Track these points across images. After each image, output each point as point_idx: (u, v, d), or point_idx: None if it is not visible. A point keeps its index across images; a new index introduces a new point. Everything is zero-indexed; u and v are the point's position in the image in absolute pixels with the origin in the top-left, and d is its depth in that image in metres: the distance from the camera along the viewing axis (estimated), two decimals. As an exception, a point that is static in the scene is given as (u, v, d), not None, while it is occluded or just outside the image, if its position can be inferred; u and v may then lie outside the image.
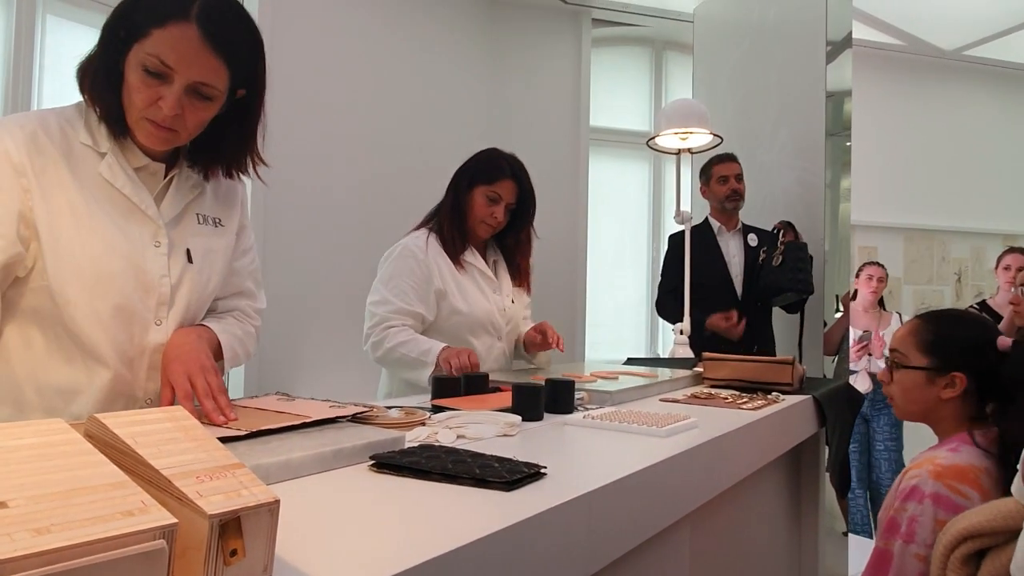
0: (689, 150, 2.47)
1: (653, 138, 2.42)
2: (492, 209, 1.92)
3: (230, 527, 0.50)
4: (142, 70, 1.00)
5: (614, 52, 4.42)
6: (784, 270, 2.65)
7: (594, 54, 4.15)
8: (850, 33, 3.05)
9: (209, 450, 0.57)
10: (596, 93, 4.15)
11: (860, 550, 1.51)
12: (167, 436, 0.58)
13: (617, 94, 4.38)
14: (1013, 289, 2.38)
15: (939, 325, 1.48)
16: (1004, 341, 1.43)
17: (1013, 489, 1.02)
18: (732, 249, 2.86)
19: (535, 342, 1.99)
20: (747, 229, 2.91)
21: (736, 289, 2.82)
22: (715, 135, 2.35)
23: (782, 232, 2.81)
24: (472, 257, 1.97)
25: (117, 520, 0.45)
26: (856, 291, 3.96)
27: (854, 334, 3.72)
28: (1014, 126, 5.25)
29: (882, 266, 4.00)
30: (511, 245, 2.03)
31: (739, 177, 2.87)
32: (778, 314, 2.93)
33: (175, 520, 0.47)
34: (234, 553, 0.50)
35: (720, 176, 2.85)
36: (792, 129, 3.14)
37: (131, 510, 0.46)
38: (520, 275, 2.06)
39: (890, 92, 4.89)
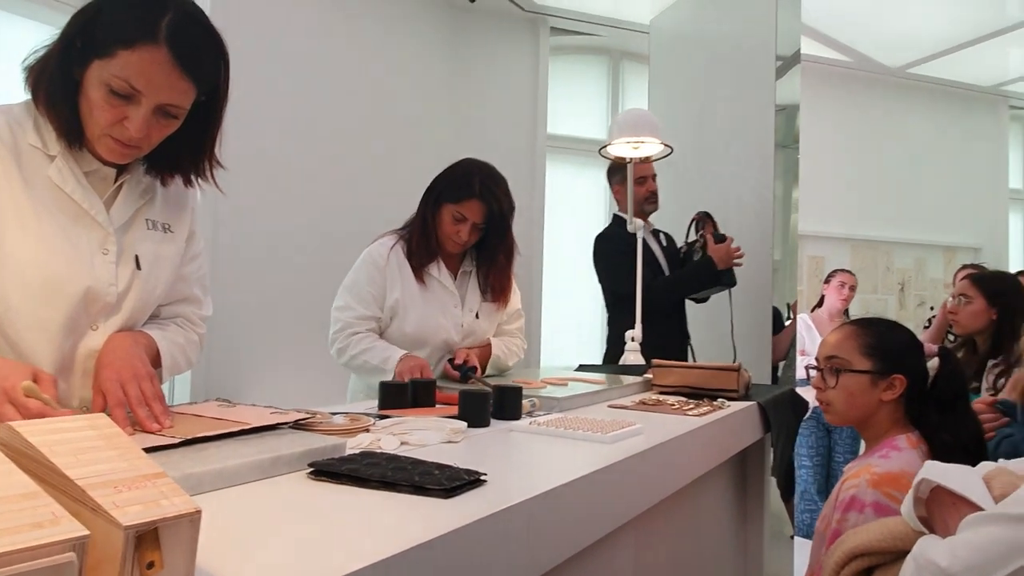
0: (640, 159, 2.50)
1: (605, 146, 2.45)
2: (458, 228, 1.88)
3: (147, 539, 0.49)
4: (107, 90, 0.97)
5: (572, 61, 4.46)
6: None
7: (552, 62, 4.19)
8: (799, 49, 3.13)
9: (130, 459, 0.56)
10: (554, 101, 4.18)
11: (805, 553, 1.55)
12: (87, 444, 0.56)
13: (574, 102, 4.42)
14: (950, 300, 2.47)
15: (877, 329, 1.52)
16: (930, 348, 1.48)
17: (903, 510, 1.05)
18: (656, 249, 2.79)
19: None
20: (657, 231, 2.87)
21: None
22: (666, 145, 2.38)
23: (699, 224, 2.77)
24: (436, 270, 1.94)
25: (24, 532, 0.43)
26: (823, 297, 4.02)
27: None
28: (955, 142, 5.46)
29: (853, 275, 4.03)
30: (485, 262, 1.98)
31: (654, 178, 2.75)
32: (710, 308, 2.94)
33: (87, 532, 0.45)
34: (151, 565, 0.49)
35: (638, 176, 2.67)
36: (744, 141, 3.21)
37: (40, 522, 0.45)
38: (494, 293, 2.00)
39: (838, 107, 5.04)
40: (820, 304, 4.02)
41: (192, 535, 0.52)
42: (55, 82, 1.00)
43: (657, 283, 2.53)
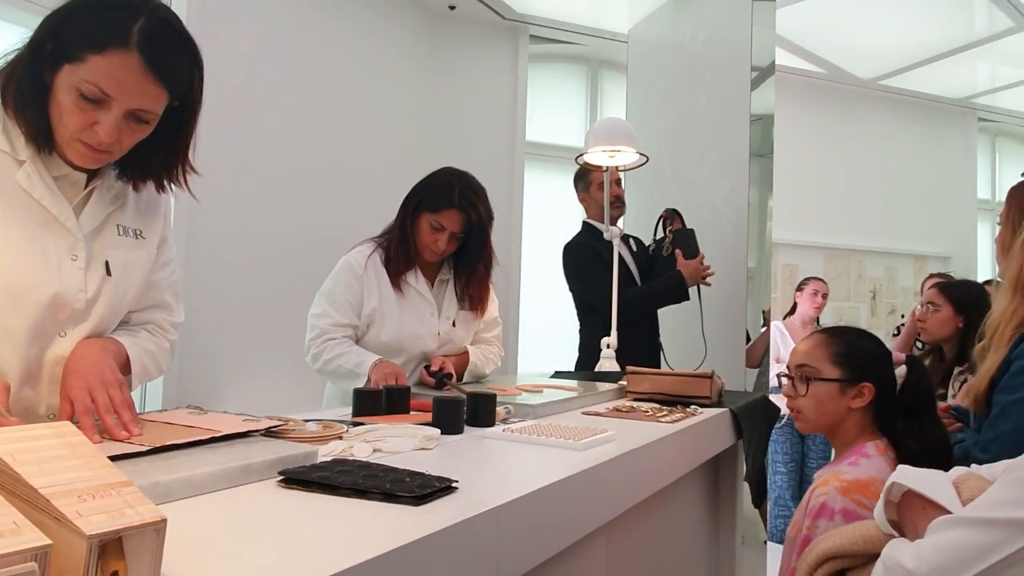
0: (616, 167, 2.52)
1: (582, 154, 2.47)
2: (436, 237, 1.88)
3: (111, 548, 0.49)
4: (77, 95, 0.96)
5: (551, 68, 4.49)
6: (676, 259, 2.64)
7: (531, 70, 4.21)
8: (774, 60, 3.19)
9: (95, 468, 0.56)
10: (533, 108, 4.20)
11: (779, 557, 1.57)
12: (51, 453, 0.56)
13: (553, 110, 4.45)
14: (919, 307, 2.52)
15: (846, 337, 1.54)
16: (898, 356, 1.51)
17: (875, 513, 1.08)
18: (626, 256, 2.76)
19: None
20: (626, 236, 2.86)
21: None
22: (641, 154, 2.41)
23: (666, 221, 2.77)
24: (414, 278, 1.95)
25: (-15, 542, 0.43)
26: (795, 305, 4.06)
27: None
28: (925, 153, 5.57)
29: (826, 283, 4.08)
30: (464, 272, 1.99)
31: (619, 182, 2.71)
32: (683, 312, 2.95)
33: (48, 541, 0.45)
34: (115, 575, 0.49)
35: (601, 182, 2.64)
36: (720, 150, 3.25)
37: (1, 531, 0.45)
38: (471, 302, 2.01)
39: (812, 117, 5.13)
40: (792, 311, 4.07)
41: (157, 544, 0.52)
42: (24, 86, 0.99)
43: (627, 294, 2.54)
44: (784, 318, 4.12)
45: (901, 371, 1.51)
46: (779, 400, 2.85)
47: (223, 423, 1.07)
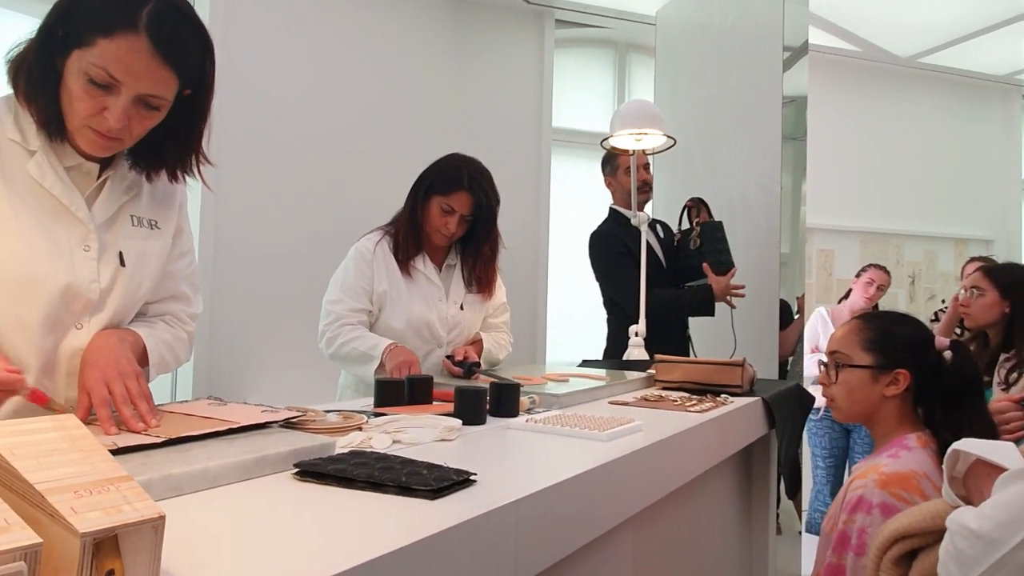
0: (643, 151, 2.47)
1: (607, 138, 2.42)
2: (446, 220, 1.92)
3: (106, 546, 0.47)
4: (86, 79, 0.96)
5: (577, 53, 4.42)
6: (704, 252, 2.57)
7: (557, 55, 4.15)
8: (807, 39, 3.09)
9: (94, 462, 0.54)
10: (559, 94, 4.14)
11: (814, 549, 1.53)
12: (51, 447, 0.54)
13: (580, 95, 4.38)
14: (961, 292, 2.42)
15: (880, 323, 1.49)
16: (941, 341, 1.45)
17: (943, 491, 1.03)
18: (654, 243, 2.69)
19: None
20: (654, 221, 2.78)
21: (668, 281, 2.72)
22: (669, 137, 2.35)
23: (692, 211, 2.69)
24: (422, 263, 1.99)
25: (-29, 541, 0.42)
26: (849, 291, 3.94)
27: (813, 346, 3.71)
28: (965, 132, 5.38)
29: (887, 272, 3.84)
30: (471, 255, 2.03)
31: (647, 167, 2.65)
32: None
33: (39, 540, 0.44)
34: (111, 573, 0.47)
35: (628, 167, 2.57)
36: (750, 133, 3.17)
37: (-10, 529, 0.43)
38: (479, 284, 2.04)
39: (847, 97, 4.97)
40: (846, 297, 3.94)
41: (155, 542, 0.50)
42: (35, 73, 0.99)
43: (654, 297, 2.48)
44: (838, 302, 3.99)
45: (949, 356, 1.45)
46: (816, 390, 2.77)
47: (242, 414, 1.06)
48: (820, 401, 3.43)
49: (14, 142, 1.03)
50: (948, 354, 1.45)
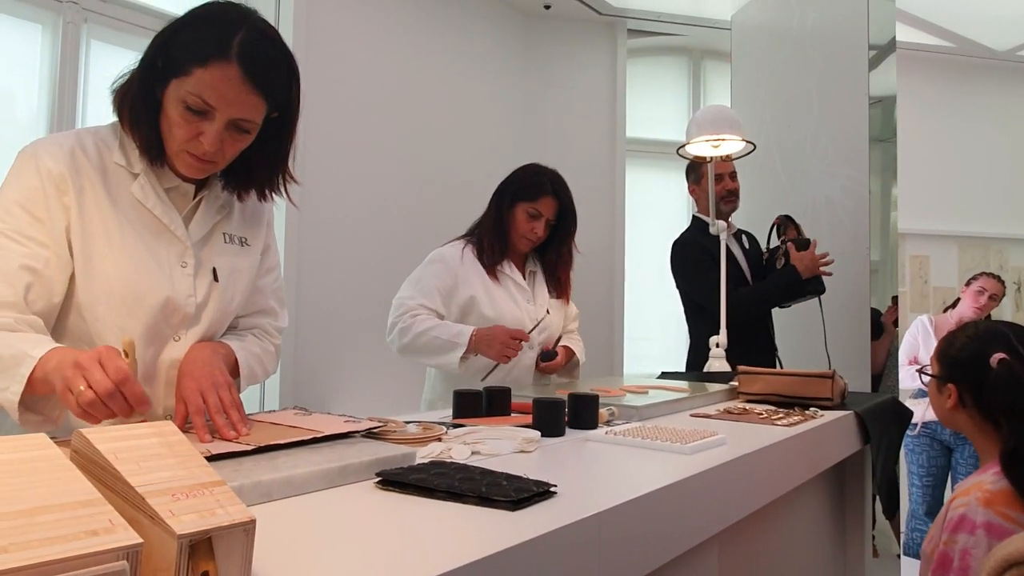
0: (723, 158, 2.40)
1: (683, 146, 2.37)
2: (533, 225, 1.99)
3: (201, 548, 0.49)
4: (183, 107, 1.02)
5: (651, 62, 4.37)
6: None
7: (630, 65, 4.12)
8: (894, 36, 2.95)
9: (190, 467, 0.56)
10: (633, 104, 4.11)
11: (912, 573, 1.44)
12: (150, 452, 0.57)
13: (654, 105, 4.33)
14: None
15: (951, 334, 1.48)
16: (996, 356, 1.34)
17: None
18: (738, 253, 2.62)
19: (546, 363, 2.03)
20: (740, 231, 2.71)
21: None
22: (748, 142, 2.28)
23: (780, 229, 2.59)
24: (508, 269, 2.04)
25: (79, 540, 0.44)
26: (958, 300, 3.74)
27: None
28: (1074, 128, 5.01)
29: (1000, 280, 3.64)
30: (552, 259, 2.09)
31: (733, 175, 2.58)
32: (801, 314, 2.76)
33: (140, 540, 0.45)
34: (205, 575, 0.49)
35: (715, 174, 2.49)
36: (834, 136, 3.05)
37: (96, 529, 0.45)
38: (560, 288, 2.11)
39: (939, 96, 4.72)
40: (953, 306, 3.73)
41: (246, 544, 0.52)
42: (137, 102, 1.05)
43: (738, 296, 2.40)
44: (944, 311, 3.78)
45: None
46: (913, 404, 2.61)
47: (326, 424, 1.08)
48: (918, 416, 3.25)
49: (120, 166, 1.10)
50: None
